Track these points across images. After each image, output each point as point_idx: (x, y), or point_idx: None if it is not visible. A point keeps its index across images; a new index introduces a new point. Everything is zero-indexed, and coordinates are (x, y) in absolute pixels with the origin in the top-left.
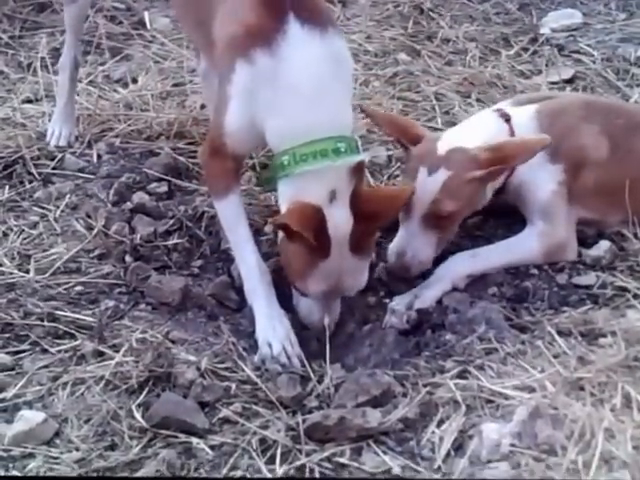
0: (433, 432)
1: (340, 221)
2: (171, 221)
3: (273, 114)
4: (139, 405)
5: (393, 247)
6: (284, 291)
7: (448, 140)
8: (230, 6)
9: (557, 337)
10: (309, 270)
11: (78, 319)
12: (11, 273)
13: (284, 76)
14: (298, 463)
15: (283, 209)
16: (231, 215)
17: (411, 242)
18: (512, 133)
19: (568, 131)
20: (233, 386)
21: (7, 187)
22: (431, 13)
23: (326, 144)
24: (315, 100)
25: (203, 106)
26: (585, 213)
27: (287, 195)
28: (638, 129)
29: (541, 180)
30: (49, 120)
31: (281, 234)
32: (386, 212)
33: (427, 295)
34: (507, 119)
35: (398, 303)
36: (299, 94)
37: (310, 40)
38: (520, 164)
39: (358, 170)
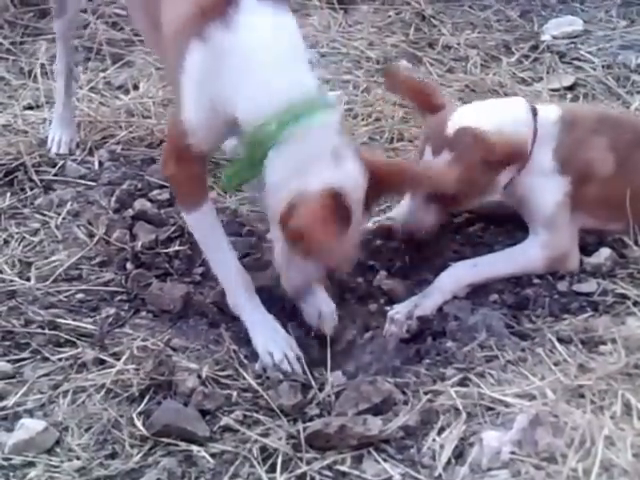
0: (434, 440)
1: (355, 184)
2: (172, 228)
3: (242, 87)
4: (140, 413)
5: (399, 214)
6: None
7: (460, 118)
8: None
9: (557, 344)
10: (333, 244)
11: (79, 327)
12: (12, 280)
13: (246, 47)
14: (299, 471)
15: (285, 189)
16: (206, 227)
17: (414, 214)
18: (535, 128)
19: (579, 144)
20: (234, 394)
21: (8, 194)
22: (432, 20)
23: (309, 102)
24: (282, 64)
25: None
26: (587, 222)
27: (284, 167)
28: None
29: (548, 190)
30: (50, 126)
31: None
32: (401, 186)
33: (427, 304)
34: (535, 113)
35: (398, 312)
36: (267, 60)
37: (263, 10)
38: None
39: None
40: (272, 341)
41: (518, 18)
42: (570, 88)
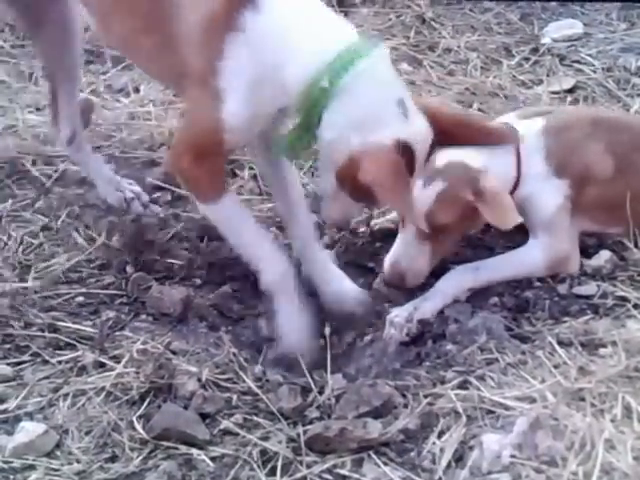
0: (434, 443)
1: (423, 139)
2: (173, 231)
3: (287, 59)
4: (140, 416)
5: (389, 256)
6: None
7: (449, 151)
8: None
9: (558, 347)
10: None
11: (79, 330)
12: (12, 283)
13: (281, 21)
14: (299, 475)
15: (348, 143)
16: (236, 214)
17: (406, 251)
18: (518, 149)
19: (575, 147)
20: (234, 397)
21: (9, 196)
22: (433, 23)
23: (352, 49)
24: (317, 23)
25: None
26: (587, 225)
27: (344, 122)
28: None
29: (547, 194)
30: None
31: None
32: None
33: (427, 307)
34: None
35: (397, 315)
36: (303, 25)
37: None
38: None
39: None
40: (297, 331)
41: (518, 21)
42: (570, 91)
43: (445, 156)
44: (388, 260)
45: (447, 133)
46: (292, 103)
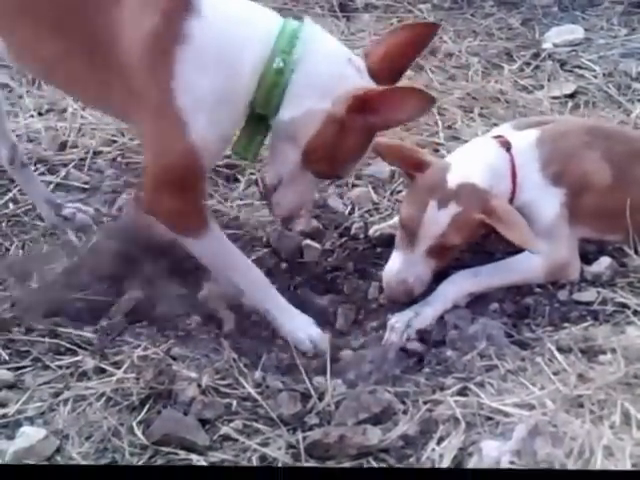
0: (433, 449)
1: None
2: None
3: (240, 54)
4: (140, 422)
5: (392, 275)
6: None
7: (458, 173)
8: (126, 8)
9: (557, 354)
10: (365, 148)
11: (79, 335)
12: (13, 288)
13: (221, 23)
14: None
15: (321, 103)
16: (223, 247)
17: (412, 270)
18: (513, 162)
19: (570, 156)
20: (234, 403)
21: (10, 201)
22: None
23: (288, 27)
24: (251, 13)
25: None
26: (586, 233)
27: (309, 91)
28: (638, 155)
29: (544, 201)
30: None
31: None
32: (402, 64)
33: (427, 313)
34: (508, 148)
35: (398, 320)
36: (240, 18)
37: None
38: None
39: None
40: (305, 325)
41: (520, 26)
42: (571, 96)
43: (455, 177)
44: (393, 279)
45: None
46: (248, 100)
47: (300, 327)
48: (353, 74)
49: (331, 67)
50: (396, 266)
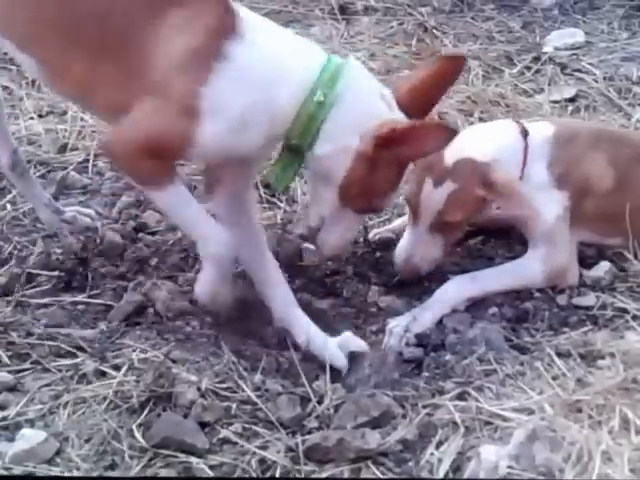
0: (432, 454)
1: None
2: (173, 239)
3: (280, 83)
4: (140, 425)
5: (401, 252)
6: None
7: (457, 148)
8: (173, 19)
9: (556, 358)
10: (396, 183)
11: (80, 338)
12: (13, 291)
13: (263, 51)
14: None
15: (353, 136)
16: (181, 199)
17: (418, 246)
18: (526, 150)
19: (577, 159)
20: (233, 406)
21: (9, 204)
22: (435, 31)
23: (332, 62)
24: (296, 45)
25: None
26: (586, 236)
27: (344, 126)
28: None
29: (547, 204)
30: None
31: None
32: (430, 100)
33: (426, 317)
34: (525, 134)
35: (396, 324)
36: (285, 49)
37: (251, 16)
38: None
39: None
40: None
41: (520, 29)
42: (571, 100)
43: (453, 153)
44: (402, 256)
45: None
46: (283, 129)
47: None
48: (385, 110)
49: (366, 104)
50: (403, 243)
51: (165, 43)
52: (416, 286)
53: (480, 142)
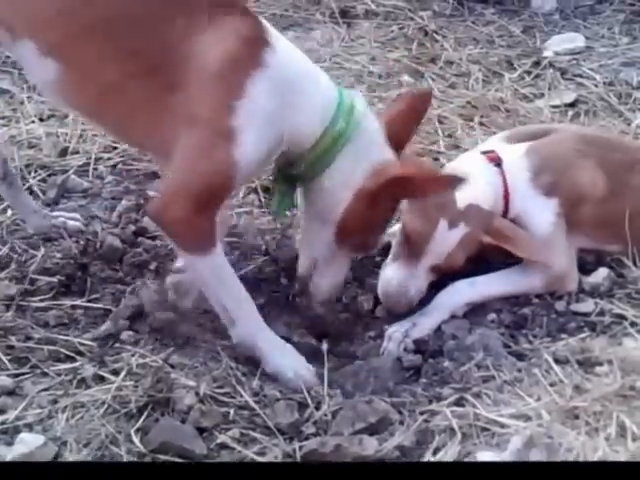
0: (429, 460)
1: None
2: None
3: (306, 101)
4: (138, 430)
5: (393, 285)
6: None
7: (464, 193)
8: (208, 34)
9: (554, 365)
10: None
11: (79, 342)
12: (12, 296)
13: (291, 66)
14: None
15: (357, 175)
16: (224, 271)
17: (414, 282)
18: (504, 176)
19: (564, 166)
20: (231, 412)
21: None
22: (435, 35)
23: (348, 94)
24: (315, 74)
25: None
26: (585, 243)
27: (355, 160)
28: (635, 165)
29: (538, 212)
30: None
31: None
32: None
33: (424, 323)
34: (498, 163)
35: (395, 330)
36: (308, 74)
37: (276, 32)
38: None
39: None
40: (290, 366)
41: (521, 34)
42: (571, 105)
43: (463, 197)
44: (393, 289)
45: None
46: (299, 147)
47: (289, 365)
48: (389, 150)
49: (375, 142)
50: (397, 278)
51: (199, 53)
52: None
53: (479, 186)
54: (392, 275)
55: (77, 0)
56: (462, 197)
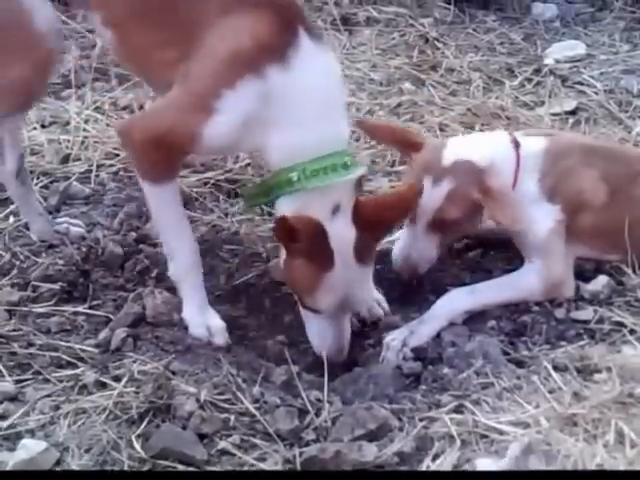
0: (428, 466)
1: (342, 232)
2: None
3: (279, 129)
4: (139, 436)
5: (399, 251)
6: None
7: (454, 150)
8: (231, 21)
9: (553, 372)
10: (316, 283)
11: (80, 349)
12: (15, 301)
13: (296, 91)
14: None
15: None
16: (168, 200)
17: (415, 246)
18: (518, 161)
19: (567, 174)
20: (232, 418)
21: (12, 215)
22: (436, 43)
23: (335, 159)
24: (324, 114)
25: None
26: (584, 251)
27: (290, 210)
28: (637, 176)
29: (539, 218)
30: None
31: (284, 254)
32: (389, 220)
33: (423, 331)
34: (517, 145)
35: (394, 338)
36: (311, 108)
37: (318, 53)
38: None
39: (358, 182)
40: (201, 316)
41: (521, 41)
42: (572, 112)
43: (452, 154)
44: (400, 254)
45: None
46: (264, 162)
47: (201, 313)
48: (320, 215)
49: (313, 209)
50: (401, 242)
51: (213, 41)
52: (415, 295)
53: (477, 147)
54: (398, 243)
55: None
56: (462, 154)
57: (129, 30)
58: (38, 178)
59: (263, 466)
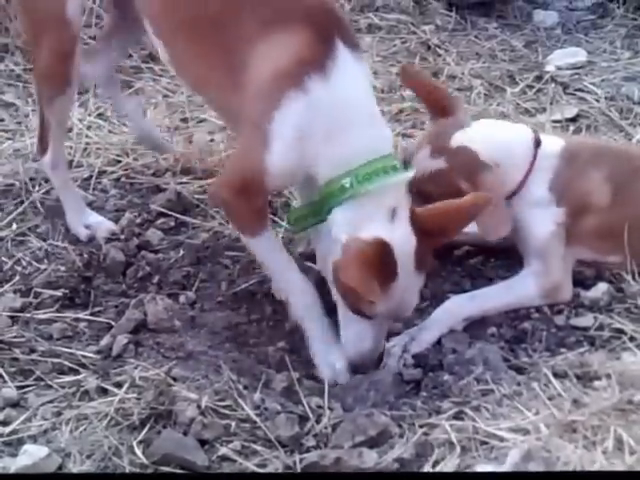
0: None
1: (404, 242)
2: (176, 257)
3: (327, 140)
4: (140, 442)
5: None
6: None
7: (467, 135)
8: (269, 39)
9: (553, 379)
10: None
11: (82, 355)
12: (17, 307)
13: (338, 100)
14: None
15: (342, 237)
16: (269, 248)
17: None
18: (533, 160)
19: (576, 176)
20: (233, 424)
21: (14, 221)
22: (438, 49)
23: (385, 162)
24: (367, 120)
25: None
26: (585, 254)
27: (346, 219)
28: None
29: (540, 220)
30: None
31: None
32: (451, 230)
33: (423, 338)
34: (537, 144)
35: (394, 345)
36: (354, 116)
37: (355, 63)
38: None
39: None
40: (331, 353)
41: (523, 48)
42: (573, 119)
43: (462, 138)
44: None
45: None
46: (317, 178)
47: (327, 352)
48: (380, 224)
49: (370, 209)
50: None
51: (256, 64)
52: None
53: (492, 140)
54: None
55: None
56: (471, 141)
57: (177, 47)
58: (40, 185)
59: (264, 472)
